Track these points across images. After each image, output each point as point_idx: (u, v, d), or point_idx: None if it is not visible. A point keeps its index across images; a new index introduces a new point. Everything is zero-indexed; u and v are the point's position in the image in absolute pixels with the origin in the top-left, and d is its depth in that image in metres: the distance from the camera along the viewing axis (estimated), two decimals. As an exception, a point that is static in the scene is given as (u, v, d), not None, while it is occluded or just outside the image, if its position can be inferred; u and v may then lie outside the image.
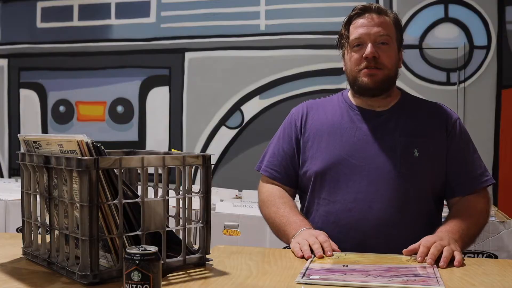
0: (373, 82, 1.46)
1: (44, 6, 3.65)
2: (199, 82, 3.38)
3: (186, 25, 3.39)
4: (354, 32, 1.48)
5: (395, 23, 1.50)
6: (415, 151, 1.44)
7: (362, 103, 1.53)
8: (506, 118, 2.95)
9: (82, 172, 0.98)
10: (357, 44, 1.47)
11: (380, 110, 1.52)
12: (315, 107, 1.60)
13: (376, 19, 1.47)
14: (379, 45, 1.46)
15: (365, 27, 1.46)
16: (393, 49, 1.49)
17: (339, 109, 1.56)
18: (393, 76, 1.50)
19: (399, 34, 1.52)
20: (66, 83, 3.61)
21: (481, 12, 2.99)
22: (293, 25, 3.21)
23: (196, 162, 1.14)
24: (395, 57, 1.49)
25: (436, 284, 1.02)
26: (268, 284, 1.03)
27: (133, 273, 0.85)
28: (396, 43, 1.50)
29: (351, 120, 1.52)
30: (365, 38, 1.46)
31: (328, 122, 1.53)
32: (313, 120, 1.56)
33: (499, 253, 1.95)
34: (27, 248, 1.20)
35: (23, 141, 1.18)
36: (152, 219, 1.08)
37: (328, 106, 1.59)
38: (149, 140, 3.46)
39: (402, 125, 1.48)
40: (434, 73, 3.03)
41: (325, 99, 1.64)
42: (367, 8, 1.49)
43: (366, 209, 1.42)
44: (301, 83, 3.19)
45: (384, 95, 1.51)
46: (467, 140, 1.52)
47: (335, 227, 1.44)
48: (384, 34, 1.46)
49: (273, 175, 1.57)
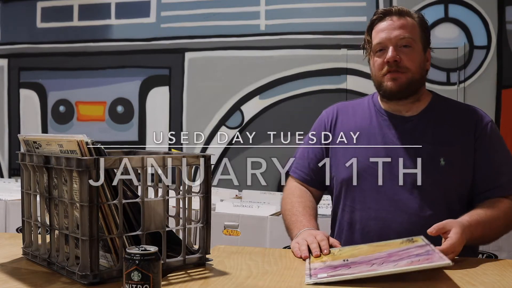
0: (396, 86, 1.44)
1: (44, 6, 3.65)
2: (199, 82, 3.38)
3: (186, 25, 3.39)
4: (376, 37, 1.47)
5: (419, 23, 1.48)
6: (441, 159, 1.42)
7: (390, 107, 1.52)
8: (506, 118, 2.95)
9: (82, 172, 0.98)
10: (380, 49, 1.46)
11: (408, 116, 1.49)
12: (345, 110, 1.59)
13: (397, 22, 1.45)
14: (401, 48, 1.44)
15: (386, 31, 1.45)
16: (417, 51, 1.46)
17: (369, 113, 1.54)
18: (418, 79, 1.47)
19: (424, 35, 1.49)
20: (66, 83, 3.60)
21: (481, 12, 2.98)
22: (293, 25, 3.21)
23: (196, 162, 1.14)
24: (419, 59, 1.46)
25: (441, 259, 1.03)
26: (268, 284, 1.03)
27: (133, 273, 0.85)
28: (421, 44, 1.47)
29: (379, 126, 1.50)
30: (387, 42, 1.44)
31: (356, 127, 1.52)
32: (343, 123, 1.56)
33: (499, 253, 1.95)
34: (27, 248, 1.21)
35: (23, 141, 1.18)
36: (152, 219, 1.08)
37: (358, 109, 1.57)
38: (149, 140, 3.46)
39: (429, 133, 1.46)
40: (434, 73, 3.03)
41: (356, 102, 1.63)
42: (387, 12, 1.47)
43: (390, 218, 1.42)
44: (301, 83, 3.19)
45: (412, 98, 1.49)
46: (497, 144, 1.47)
47: (359, 234, 1.44)
48: (405, 37, 1.43)
49: (301, 176, 1.58)
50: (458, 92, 2.99)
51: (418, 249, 1.14)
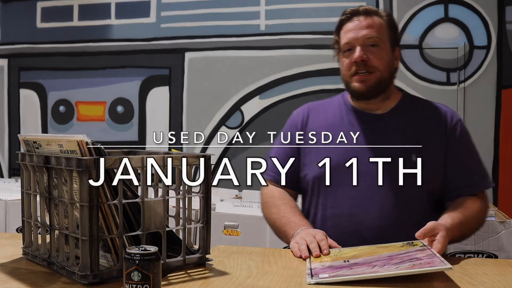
0: (364, 87, 1.46)
1: (44, 6, 3.65)
2: (199, 82, 3.38)
3: (186, 25, 3.39)
4: (343, 37, 1.49)
5: (387, 22, 1.49)
6: (413, 156, 1.43)
7: (361, 105, 1.53)
8: (506, 118, 2.95)
9: (82, 172, 0.98)
10: (348, 49, 1.47)
11: (379, 113, 1.51)
12: (316, 109, 1.60)
13: (364, 22, 1.46)
14: (368, 47, 1.45)
15: (353, 31, 1.46)
16: (384, 50, 1.47)
17: (339, 111, 1.55)
18: (387, 78, 1.48)
19: (392, 34, 1.50)
20: (66, 83, 3.61)
21: (481, 12, 2.99)
22: (293, 25, 3.21)
23: (196, 162, 1.14)
24: (387, 58, 1.48)
25: (442, 264, 1.03)
26: (268, 284, 1.03)
27: (133, 273, 0.85)
28: (388, 43, 1.48)
29: (351, 124, 1.51)
30: (354, 42, 1.46)
31: (328, 125, 1.53)
32: (314, 122, 1.56)
33: (499, 253, 1.94)
34: (27, 248, 1.21)
35: (23, 141, 1.18)
36: (152, 219, 1.08)
37: (329, 108, 1.58)
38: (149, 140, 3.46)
39: (401, 130, 1.47)
40: (434, 73, 3.03)
41: (326, 101, 1.63)
42: (355, 12, 1.48)
43: (363, 214, 1.42)
44: (301, 83, 3.19)
45: (382, 97, 1.50)
46: (467, 142, 1.50)
47: (333, 232, 1.44)
48: (372, 36, 1.45)
49: (275, 178, 1.57)
50: (458, 92, 2.99)
51: (418, 252, 1.15)
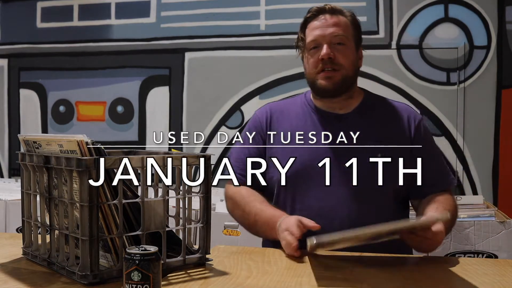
0: (330, 84, 1.46)
1: (44, 6, 3.65)
2: (199, 82, 3.38)
3: (186, 25, 3.39)
4: (309, 34, 1.49)
5: (352, 22, 1.51)
6: (379, 155, 1.44)
7: (324, 105, 1.53)
8: (506, 118, 2.95)
9: (82, 172, 0.98)
10: (314, 47, 1.48)
11: (342, 113, 1.51)
12: (279, 110, 1.60)
13: (330, 20, 1.48)
14: (335, 45, 1.46)
15: (319, 28, 1.47)
16: (350, 49, 1.49)
17: (302, 112, 1.55)
18: (351, 76, 1.50)
19: (356, 33, 1.52)
20: (66, 83, 3.60)
21: (481, 12, 2.98)
22: (293, 25, 3.20)
23: (196, 162, 1.14)
24: (352, 57, 1.49)
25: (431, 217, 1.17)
26: (268, 284, 1.03)
27: (133, 273, 0.85)
28: (353, 42, 1.50)
29: (314, 124, 1.51)
30: (320, 39, 1.47)
31: (292, 126, 1.52)
32: (278, 123, 1.56)
33: (499, 253, 1.95)
34: (27, 248, 1.21)
35: (23, 141, 1.18)
36: (152, 219, 1.08)
37: (291, 109, 1.58)
38: (149, 140, 3.46)
39: (364, 129, 1.47)
40: (434, 73, 3.03)
41: (288, 101, 1.64)
42: (321, 10, 1.50)
43: (332, 215, 1.42)
44: (301, 83, 3.18)
45: (345, 96, 1.51)
46: (430, 141, 1.53)
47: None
48: (339, 34, 1.46)
49: (241, 180, 1.54)
50: (458, 92, 2.99)
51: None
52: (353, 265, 1.21)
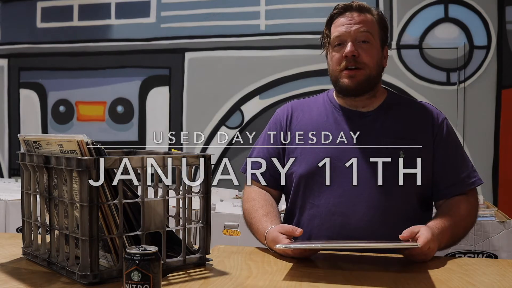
0: (353, 83, 1.44)
1: (44, 6, 3.65)
2: (199, 82, 3.38)
3: (186, 25, 3.39)
4: (334, 31, 1.47)
5: (378, 21, 1.48)
6: (401, 153, 1.42)
7: (347, 103, 1.51)
8: (506, 118, 2.95)
9: (82, 172, 0.98)
10: (338, 43, 1.46)
11: (365, 111, 1.50)
12: (300, 107, 1.58)
13: (357, 17, 1.45)
14: (359, 43, 1.44)
15: (345, 25, 1.45)
16: (375, 48, 1.46)
17: (324, 109, 1.54)
18: (375, 76, 1.47)
19: (382, 32, 1.50)
20: (66, 83, 3.61)
21: (481, 12, 2.99)
22: (293, 25, 3.21)
23: (196, 162, 1.14)
24: (377, 56, 1.47)
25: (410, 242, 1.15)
26: (268, 284, 1.03)
27: (133, 273, 0.85)
28: (379, 41, 1.48)
29: (336, 122, 1.50)
30: (346, 36, 1.44)
31: (313, 124, 1.51)
32: (298, 121, 1.55)
33: (499, 253, 1.95)
34: (27, 248, 1.21)
35: (23, 141, 1.18)
36: (152, 219, 1.08)
37: (313, 106, 1.57)
38: (149, 140, 3.46)
39: (387, 127, 1.46)
40: (434, 73, 3.03)
41: (310, 99, 1.62)
42: (348, 7, 1.47)
43: (350, 212, 1.41)
44: (301, 83, 3.19)
45: (368, 95, 1.49)
46: (454, 141, 1.50)
47: (319, 230, 1.43)
48: (364, 31, 1.44)
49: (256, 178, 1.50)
50: (458, 92, 2.99)
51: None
52: (353, 265, 1.21)
